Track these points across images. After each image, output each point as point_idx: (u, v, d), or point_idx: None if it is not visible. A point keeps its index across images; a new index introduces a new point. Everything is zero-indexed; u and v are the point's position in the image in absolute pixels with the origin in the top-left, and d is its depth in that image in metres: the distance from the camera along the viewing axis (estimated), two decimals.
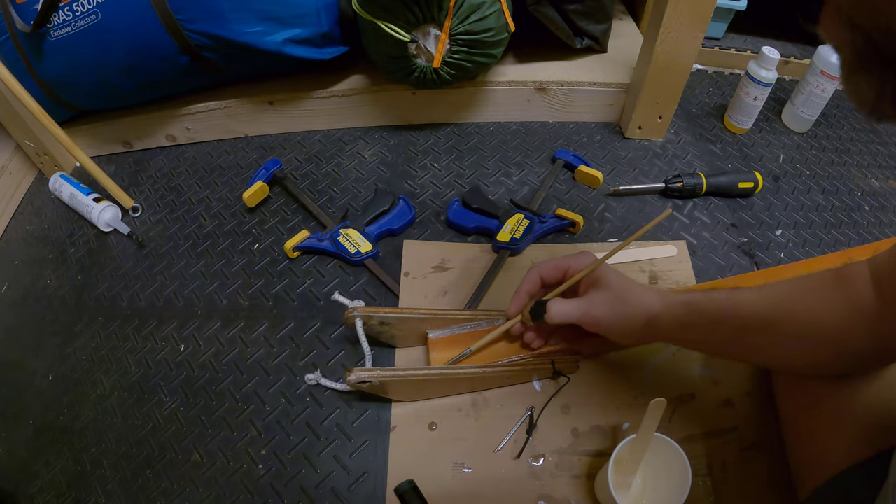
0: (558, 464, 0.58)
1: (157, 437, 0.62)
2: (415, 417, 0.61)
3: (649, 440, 0.50)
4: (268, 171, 0.83)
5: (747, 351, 0.52)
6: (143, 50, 0.77)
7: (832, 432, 0.49)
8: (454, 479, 0.57)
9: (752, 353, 0.53)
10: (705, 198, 0.83)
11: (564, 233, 0.79)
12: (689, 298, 0.52)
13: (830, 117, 0.98)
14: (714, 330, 0.50)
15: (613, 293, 0.54)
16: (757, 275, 0.73)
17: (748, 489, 0.56)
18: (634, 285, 0.55)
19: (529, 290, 0.59)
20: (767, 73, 0.85)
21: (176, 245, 0.80)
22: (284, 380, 0.66)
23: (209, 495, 0.58)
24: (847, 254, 0.76)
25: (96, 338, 0.71)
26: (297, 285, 0.74)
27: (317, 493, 0.58)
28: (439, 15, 0.74)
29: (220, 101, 0.90)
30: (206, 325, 0.71)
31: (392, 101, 0.92)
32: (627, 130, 0.92)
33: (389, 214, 0.79)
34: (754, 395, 0.62)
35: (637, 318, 0.53)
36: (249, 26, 0.76)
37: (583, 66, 0.94)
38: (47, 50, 0.77)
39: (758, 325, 0.48)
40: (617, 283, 0.55)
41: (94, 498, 0.59)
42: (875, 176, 0.89)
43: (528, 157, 0.89)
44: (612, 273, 0.56)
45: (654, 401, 0.48)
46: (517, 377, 0.63)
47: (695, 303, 0.51)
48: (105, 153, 0.95)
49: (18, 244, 0.85)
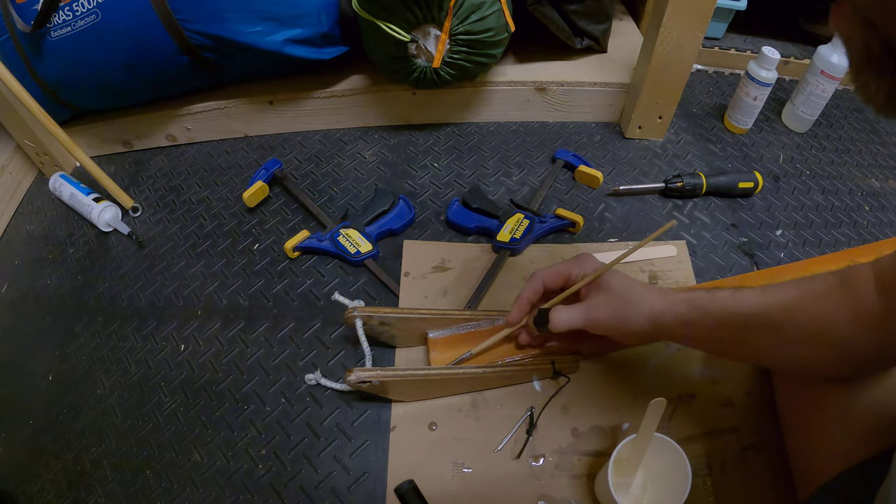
0: (558, 464, 0.58)
1: (157, 437, 0.62)
2: (415, 417, 0.61)
3: (649, 440, 0.50)
4: (268, 171, 0.83)
5: (750, 351, 0.52)
6: (142, 50, 0.77)
7: (832, 432, 0.49)
8: (454, 479, 0.57)
9: (754, 354, 0.53)
10: (705, 198, 0.83)
11: (564, 233, 0.79)
12: (692, 297, 0.52)
13: (830, 117, 0.98)
14: (717, 328, 0.50)
15: (615, 294, 0.54)
16: (757, 275, 0.73)
17: (748, 489, 0.56)
18: (636, 284, 0.55)
19: (531, 297, 0.59)
20: (767, 73, 0.85)
21: (176, 245, 0.80)
22: (284, 380, 0.66)
23: (209, 495, 0.58)
24: (847, 253, 0.76)
25: (96, 338, 0.71)
26: (297, 285, 0.74)
27: (317, 493, 0.58)
28: (439, 15, 0.74)
29: (220, 101, 0.90)
30: (206, 325, 0.71)
31: (392, 101, 0.92)
32: (627, 130, 0.92)
33: (389, 214, 0.79)
34: (754, 395, 0.62)
35: (640, 317, 0.53)
36: (249, 26, 0.75)
37: (583, 66, 0.94)
38: (47, 50, 0.77)
39: (761, 325, 0.48)
40: (618, 283, 0.54)
41: (94, 498, 0.59)
42: (875, 176, 0.89)
43: (528, 157, 0.89)
44: (614, 275, 0.55)
45: (653, 401, 0.48)
46: (517, 377, 0.63)
47: (698, 300, 0.51)
48: (105, 153, 0.95)
49: (18, 244, 0.85)
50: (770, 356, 0.52)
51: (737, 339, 0.50)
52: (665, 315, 0.52)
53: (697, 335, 0.52)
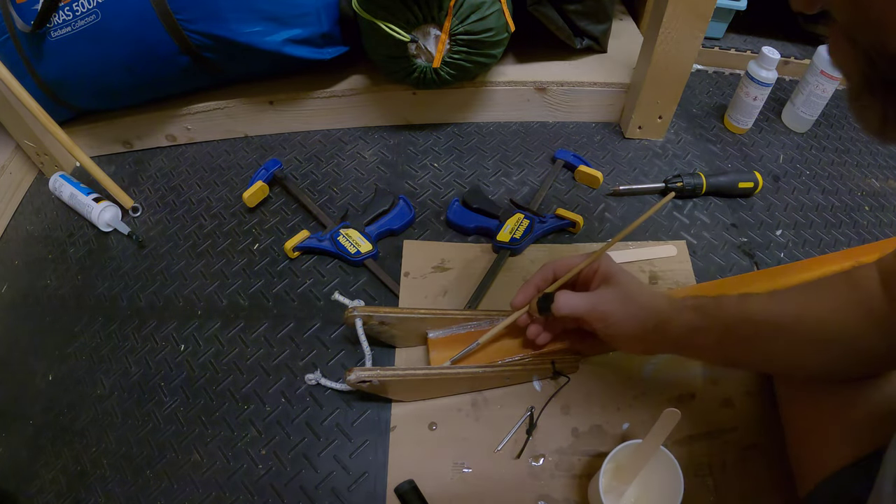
0: (558, 464, 0.58)
1: (157, 437, 0.62)
2: (415, 417, 0.61)
3: (656, 449, 0.49)
4: (268, 171, 0.83)
5: (760, 358, 0.51)
6: (143, 50, 0.77)
7: (832, 430, 0.49)
8: (454, 479, 0.57)
9: (763, 360, 0.52)
10: (705, 198, 0.83)
11: (564, 233, 0.79)
12: (698, 303, 0.51)
13: (830, 117, 0.98)
14: (726, 335, 0.49)
15: (624, 292, 0.53)
16: (757, 275, 0.73)
17: (748, 489, 0.56)
18: (645, 288, 0.54)
19: (539, 284, 0.58)
20: (767, 73, 0.85)
21: (176, 245, 0.80)
22: (284, 380, 0.66)
23: (209, 495, 0.58)
24: (847, 253, 0.76)
25: (96, 338, 0.71)
26: (297, 285, 0.74)
27: (317, 493, 0.58)
28: (439, 15, 0.74)
29: (220, 101, 0.90)
30: (206, 325, 0.71)
31: (392, 101, 0.92)
32: (627, 130, 0.92)
33: (389, 214, 0.79)
34: (754, 395, 0.62)
35: (647, 320, 0.52)
36: (249, 26, 0.76)
37: (583, 66, 0.94)
38: (47, 50, 0.77)
39: (770, 330, 0.47)
40: (628, 283, 0.54)
41: (94, 498, 0.59)
42: (875, 176, 0.89)
43: (528, 157, 0.89)
44: (625, 273, 0.55)
45: (667, 410, 0.46)
46: (517, 377, 0.63)
47: (705, 307, 0.51)
48: (105, 153, 0.95)
49: (18, 244, 0.85)
50: (780, 361, 0.51)
51: (746, 346, 0.49)
52: (672, 322, 0.51)
53: (706, 343, 0.51)
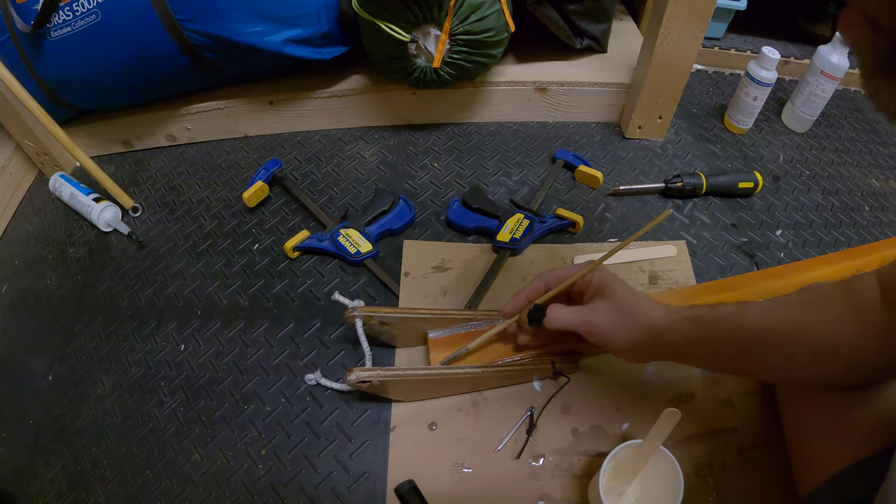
0: (558, 464, 0.58)
1: (157, 437, 0.62)
2: (415, 417, 0.61)
3: (656, 449, 0.49)
4: (268, 171, 0.83)
5: (758, 367, 0.51)
6: (143, 50, 0.77)
7: (832, 431, 0.49)
8: (454, 479, 0.57)
9: (762, 370, 0.52)
10: (705, 198, 0.83)
11: (564, 233, 0.79)
12: (696, 313, 0.51)
13: (830, 117, 0.98)
14: (724, 345, 0.49)
15: (617, 304, 0.52)
16: (757, 275, 0.73)
17: (748, 488, 0.56)
18: (641, 298, 0.53)
19: (531, 295, 0.58)
20: (767, 73, 0.85)
21: (176, 245, 0.80)
22: (284, 380, 0.66)
23: (209, 495, 0.58)
24: (847, 253, 0.76)
25: (96, 338, 0.71)
26: (297, 285, 0.74)
27: (317, 493, 0.58)
28: (439, 15, 0.74)
29: (220, 101, 0.90)
30: (206, 325, 0.71)
31: (392, 101, 0.92)
32: (627, 130, 0.92)
33: (389, 214, 0.79)
34: (754, 395, 0.62)
35: (641, 333, 0.51)
36: (249, 26, 0.76)
37: (583, 66, 0.94)
38: (47, 50, 0.77)
39: (770, 340, 0.47)
40: (622, 294, 0.53)
41: (94, 498, 0.59)
42: (875, 176, 0.89)
43: (528, 157, 0.89)
44: (619, 284, 0.54)
45: (667, 410, 0.46)
46: (517, 377, 0.63)
47: (703, 317, 0.50)
48: (105, 153, 0.95)
49: (18, 244, 0.85)
50: (779, 371, 0.51)
51: (745, 355, 0.49)
52: (669, 333, 0.51)
53: (702, 353, 0.51)
